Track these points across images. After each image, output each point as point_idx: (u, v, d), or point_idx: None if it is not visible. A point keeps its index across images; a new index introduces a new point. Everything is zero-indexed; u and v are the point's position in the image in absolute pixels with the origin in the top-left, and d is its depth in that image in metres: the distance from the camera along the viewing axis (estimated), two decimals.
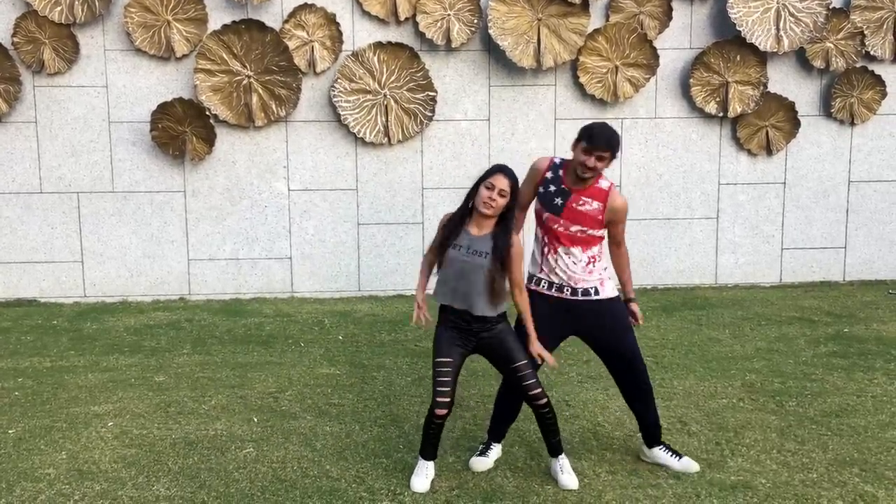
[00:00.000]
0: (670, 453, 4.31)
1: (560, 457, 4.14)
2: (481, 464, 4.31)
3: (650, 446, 4.35)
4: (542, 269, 4.21)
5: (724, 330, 7.06)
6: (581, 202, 4.07)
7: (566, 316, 4.18)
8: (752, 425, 4.84)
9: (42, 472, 4.28)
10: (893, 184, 8.91)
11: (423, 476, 4.10)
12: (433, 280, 4.12)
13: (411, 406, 5.24)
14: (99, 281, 8.43)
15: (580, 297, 4.15)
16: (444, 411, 3.97)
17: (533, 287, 4.22)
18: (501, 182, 3.82)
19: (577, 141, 4.05)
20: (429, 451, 4.15)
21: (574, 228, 4.09)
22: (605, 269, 4.22)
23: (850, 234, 8.97)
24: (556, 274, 4.14)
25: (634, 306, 4.30)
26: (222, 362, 6.27)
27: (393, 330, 7.18)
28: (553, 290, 4.17)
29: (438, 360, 3.97)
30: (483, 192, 3.84)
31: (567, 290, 4.14)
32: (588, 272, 4.14)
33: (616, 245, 4.29)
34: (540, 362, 4.06)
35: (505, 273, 3.91)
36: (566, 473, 4.09)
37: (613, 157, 4.02)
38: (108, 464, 4.38)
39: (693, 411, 5.09)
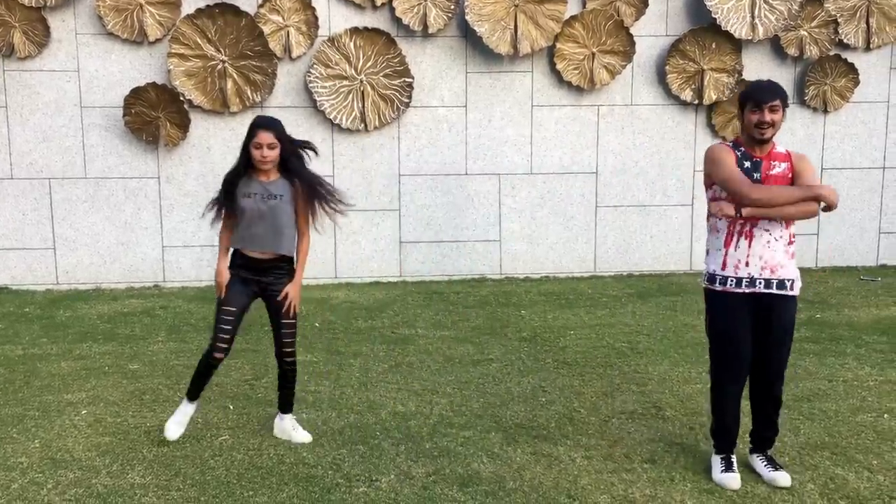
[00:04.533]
0: (766, 462, 4.06)
1: (290, 415, 4.49)
2: (734, 479, 3.95)
3: (756, 451, 4.14)
4: (725, 265, 3.89)
5: (699, 316, 7.09)
6: (772, 167, 3.82)
7: (754, 308, 3.88)
8: None
9: (14, 461, 4.23)
10: (865, 171, 9.01)
11: (180, 422, 4.42)
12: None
13: (388, 393, 5.23)
14: (71, 268, 8.35)
15: (775, 290, 3.83)
16: (221, 355, 4.26)
17: (719, 289, 3.91)
18: (266, 137, 4.07)
19: (742, 108, 3.86)
20: (195, 393, 4.40)
21: None
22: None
23: (822, 221, 9.06)
24: (750, 263, 3.84)
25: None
26: (198, 350, 6.21)
27: (370, 317, 7.17)
28: (743, 285, 3.86)
29: (223, 307, 4.22)
30: (254, 152, 4.10)
31: (761, 284, 3.83)
32: (790, 255, 3.85)
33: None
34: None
35: (301, 212, 4.23)
36: (298, 430, 4.45)
37: (785, 104, 3.83)
38: (82, 452, 4.34)
39: (668, 396, 5.13)
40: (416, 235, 8.59)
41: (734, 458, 4.05)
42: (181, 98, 8.01)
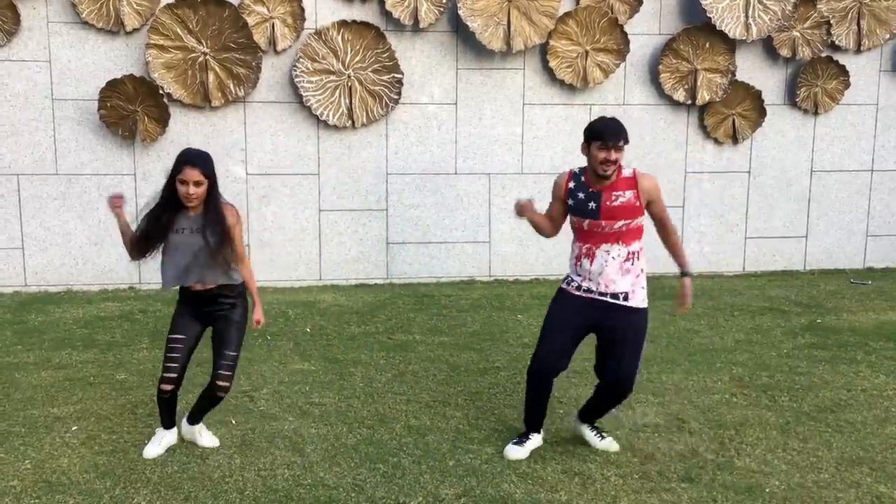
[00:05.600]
0: (595, 433, 4.41)
1: (200, 424, 4.37)
2: (517, 452, 4.26)
3: (582, 421, 4.45)
4: (578, 273, 4.20)
5: (700, 321, 6.98)
6: (614, 198, 4.05)
7: (589, 310, 4.14)
8: (751, 422, 4.73)
9: (6, 485, 3.89)
10: (854, 174, 8.98)
11: (157, 444, 4.25)
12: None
13: (397, 405, 4.98)
14: (41, 269, 7.92)
15: (609, 300, 4.12)
16: (170, 387, 4.12)
17: (564, 286, 4.26)
18: (192, 174, 3.92)
19: (588, 143, 4.06)
20: (167, 422, 4.28)
21: (618, 224, 4.06)
22: (640, 274, 4.17)
23: (811, 224, 9.01)
24: (590, 278, 4.13)
25: (686, 281, 4.26)
26: None
27: (362, 322, 6.90)
28: (582, 291, 4.17)
29: (171, 336, 4.15)
30: (180, 188, 3.94)
31: (596, 293, 4.13)
32: (623, 271, 4.09)
33: (662, 227, 4.27)
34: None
35: (226, 242, 4.04)
36: (205, 436, 4.35)
37: (627, 143, 4.05)
38: (79, 474, 4.02)
39: (689, 408, 4.96)
40: (404, 236, 8.33)
41: (532, 437, 4.33)
42: (160, 91, 7.62)
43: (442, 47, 8.11)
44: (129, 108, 7.63)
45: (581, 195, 4.10)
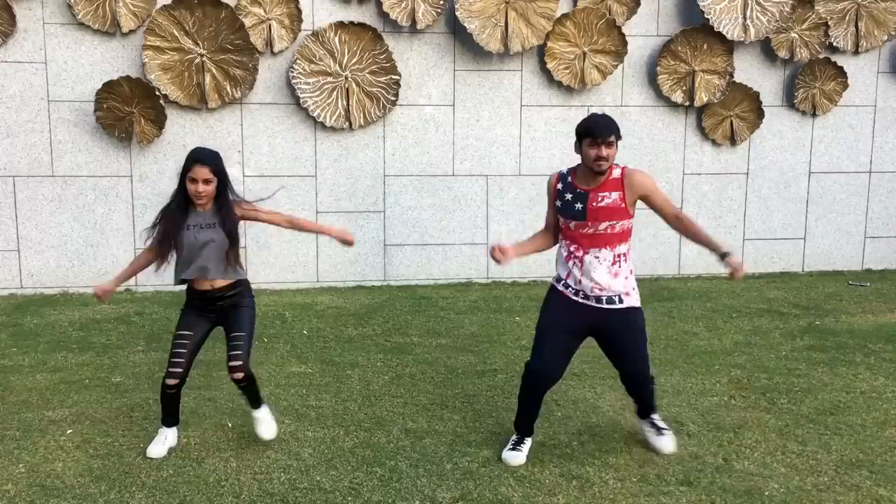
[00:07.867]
0: (652, 428, 4.39)
1: (261, 408, 4.37)
2: (518, 458, 4.21)
3: (641, 418, 4.46)
4: (569, 275, 4.13)
5: (698, 323, 6.96)
6: (600, 199, 4.00)
7: (586, 315, 4.10)
8: (750, 424, 4.71)
9: (0, 489, 3.87)
10: (852, 175, 8.97)
11: (161, 444, 4.26)
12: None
13: (395, 408, 4.95)
14: (37, 271, 7.89)
15: (604, 305, 4.08)
16: (175, 381, 4.17)
17: (561, 288, 4.18)
18: (201, 172, 4.01)
19: (579, 141, 4.02)
20: (168, 420, 4.31)
21: (603, 226, 4.01)
22: (630, 276, 4.11)
23: (809, 225, 9.00)
24: (581, 283, 4.08)
25: (732, 261, 3.97)
26: None
27: (359, 324, 6.87)
28: (579, 296, 4.11)
29: (177, 332, 4.21)
30: (189, 186, 4.03)
31: (592, 300, 4.08)
32: (613, 274, 4.04)
33: (674, 218, 4.13)
34: None
35: (236, 239, 4.14)
36: (263, 425, 4.35)
37: (619, 138, 3.99)
38: (74, 478, 3.99)
39: (687, 410, 4.93)
40: (402, 238, 8.30)
41: (527, 441, 4.31)
42: (156, 93, 7.60)
43: (439, 49, 8.09)
44: (126, 110, 7.61)
45: (568, 196, 4.05)
